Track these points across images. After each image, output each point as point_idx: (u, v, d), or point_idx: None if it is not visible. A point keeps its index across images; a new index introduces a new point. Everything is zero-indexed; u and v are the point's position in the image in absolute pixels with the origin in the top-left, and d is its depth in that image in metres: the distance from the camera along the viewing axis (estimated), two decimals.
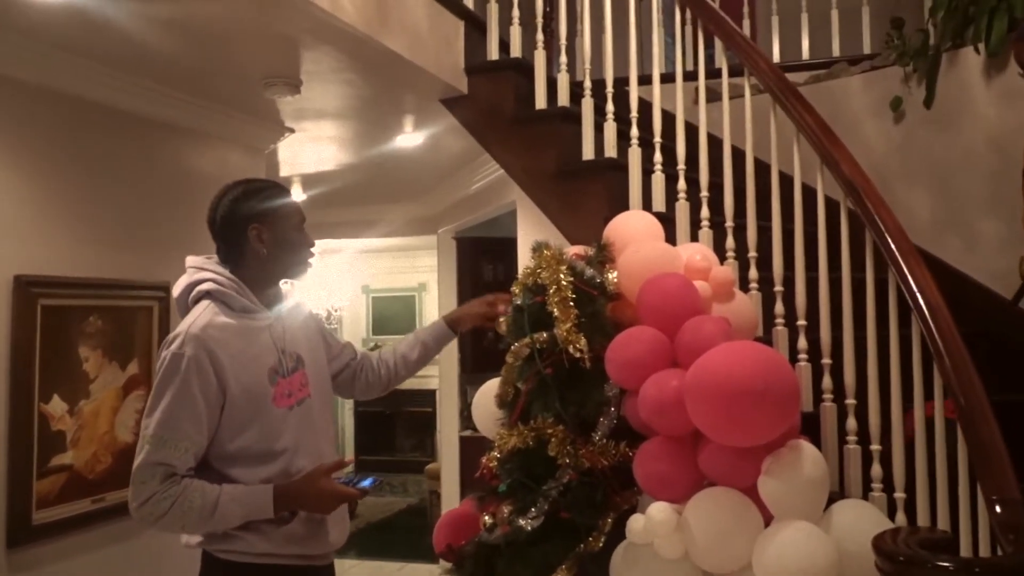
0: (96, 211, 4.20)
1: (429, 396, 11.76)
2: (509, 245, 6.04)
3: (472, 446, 7.24)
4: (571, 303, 2.79)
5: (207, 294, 2.59)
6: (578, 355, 2.71)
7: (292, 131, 5.42)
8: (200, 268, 2.65)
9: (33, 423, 3.79)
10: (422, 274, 12.18)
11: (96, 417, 4.09)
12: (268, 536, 2.53)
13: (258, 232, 2.63)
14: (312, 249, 2.74)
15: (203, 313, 2.54)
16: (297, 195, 7.59)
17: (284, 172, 6.74)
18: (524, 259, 3.71)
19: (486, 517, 2.81)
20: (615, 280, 2.91)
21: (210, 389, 2.45)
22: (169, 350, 2.47)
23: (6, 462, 3.71)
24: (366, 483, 2.60)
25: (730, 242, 3.45)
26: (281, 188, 2.73)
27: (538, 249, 3.00)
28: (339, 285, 11.69)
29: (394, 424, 12.72)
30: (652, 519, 2.45)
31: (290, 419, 2.60)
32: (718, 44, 3.79)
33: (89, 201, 4.17)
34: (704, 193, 3.60)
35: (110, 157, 4.30)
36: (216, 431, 2.49)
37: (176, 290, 2.67)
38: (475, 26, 4.56)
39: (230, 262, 2.67)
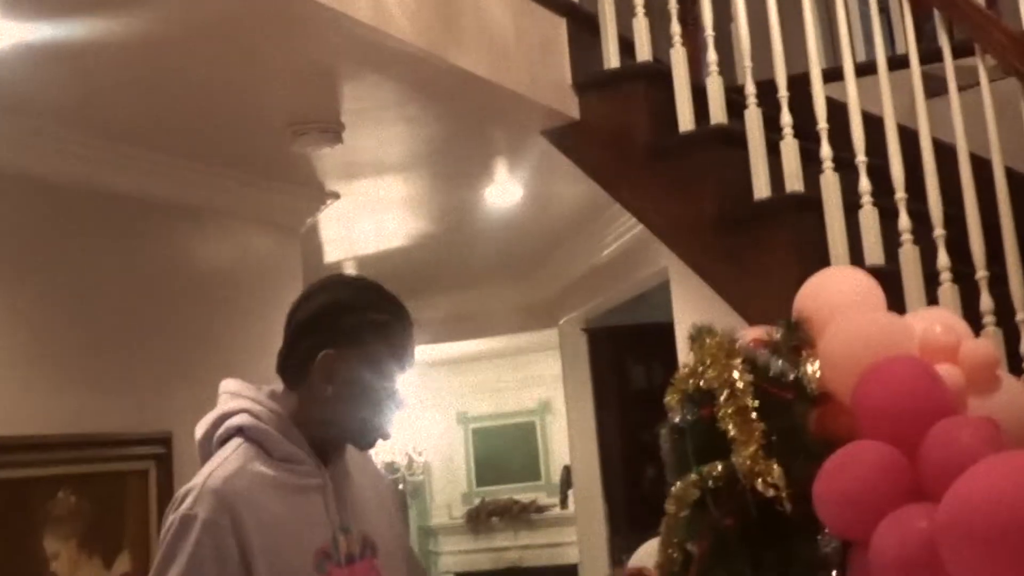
0: (65, 337, 4.26)
1: None
2: (665, 332, 5.96)
3: None
4: (754, 414, 2.72)
5: (239, 431, 2.56)
6: (771, 493, 2.63)
7: (337, 196, 5.50)
8: (235, 395, 2.64)
9: None
10: (542, 387, 12.13)
11: None
12: None
13: (330, 361, 2.58)
14: (394, 414, 2.67)
15: (230, 458, 2.51)
16: None
17: (332, 257, 6.83)
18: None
19: None
20: (817, 374, 2.83)
21: (229, 572, 2.40)
22: (177, 512, 2.43)
23: None
24: None
25: (986, 301, 3.38)
26: (399, 313, 2.67)
27: (698, 337, 2.95)
28: (422, 415, 11.58)
29: None
30: None
31: None
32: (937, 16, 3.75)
33: (54, 324, 4.23)
34: (939, 231, 3.54)
35: (82, 258, 4.39)
36: None
37: (200, 429, 2.64)
38: (582, 23, 4.59)
39: (291, 392, 2.64)
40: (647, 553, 3.18)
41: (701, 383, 2.85)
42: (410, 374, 2.68)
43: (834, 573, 2.65)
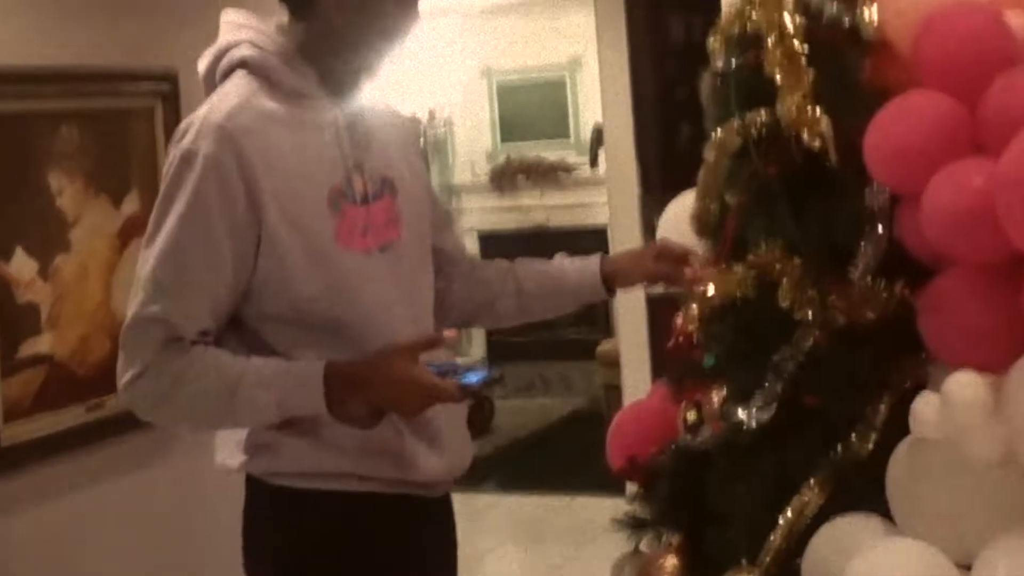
0: None
1: (595, 239, 11.45)
2: None
3: (667, 310, 7.14)
4: (803, 60, 2.68)
5: (243, 64, 2.55)
6: (817, 143, 2.61)
7: None
8: (238, 25, 2.62)
9: None
10: (573, 43, 12.01)
11: (83, 281, 4.16)
12: (326, 444, 2.51)
13: None
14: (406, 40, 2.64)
15: (233, 92, 2.51)
16: None
17: None
18: None
19: (687, 411, 2.78)
20: (875, 18, 2.75)
21: (237, 211, 2.41)
22: (178, 146, 2.44)
23: None
24: (472, 378, 2.52)
25: None
26: None
27: None
28: (445, 68, 11.44)
29: None
30: (953, 399, 2.34)
31: (368, 270, 2.57)
32: None
33: None
34: None
35: None
36: (250, 280, 2.47)
37: (203, 62, 2.64)
38: None
39: (297, 23, 2.61)
40: (677, 208, 3.18)
41: (748, 26, 2.81)
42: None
43: (880, 227, 2.64)
